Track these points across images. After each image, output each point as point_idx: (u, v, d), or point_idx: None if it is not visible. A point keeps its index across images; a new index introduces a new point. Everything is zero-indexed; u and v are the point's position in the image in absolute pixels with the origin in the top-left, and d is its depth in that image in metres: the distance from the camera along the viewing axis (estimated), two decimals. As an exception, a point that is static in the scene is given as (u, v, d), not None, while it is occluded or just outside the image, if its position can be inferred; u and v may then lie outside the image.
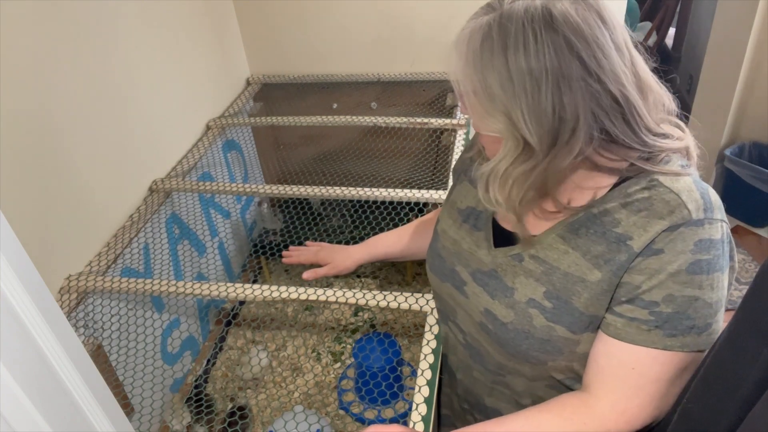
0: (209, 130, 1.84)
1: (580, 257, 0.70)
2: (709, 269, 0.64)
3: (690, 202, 0.64)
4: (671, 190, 0.65)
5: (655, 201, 0.65)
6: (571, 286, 0.70)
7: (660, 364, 0.66)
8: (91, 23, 1.29)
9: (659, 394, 0.68)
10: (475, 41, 0.64)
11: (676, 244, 0.64)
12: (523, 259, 0.75)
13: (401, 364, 1.55)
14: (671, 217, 0.64)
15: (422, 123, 1.75)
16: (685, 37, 3.11)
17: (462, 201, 0.87)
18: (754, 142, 2.27)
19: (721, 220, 0.65)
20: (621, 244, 0.66)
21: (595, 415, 0.69)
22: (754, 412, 0.50)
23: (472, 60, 0.64)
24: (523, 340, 0.74)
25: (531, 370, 0.78)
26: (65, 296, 1.19)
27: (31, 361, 0.52)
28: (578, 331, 0.71)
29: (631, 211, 0.66)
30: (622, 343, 0.67)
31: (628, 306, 0.67)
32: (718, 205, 0.66)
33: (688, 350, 0.65)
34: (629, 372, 0.67)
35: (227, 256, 1.94)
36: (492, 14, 0.63)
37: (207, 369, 1.68)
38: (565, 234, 0.71)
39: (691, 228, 0.63)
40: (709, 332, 0.65)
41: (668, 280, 0.64)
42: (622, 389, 0.68)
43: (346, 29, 2.02)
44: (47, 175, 1.17)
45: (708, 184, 0.69)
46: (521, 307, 0.74)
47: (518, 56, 0.61)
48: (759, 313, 0.51)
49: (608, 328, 0.69)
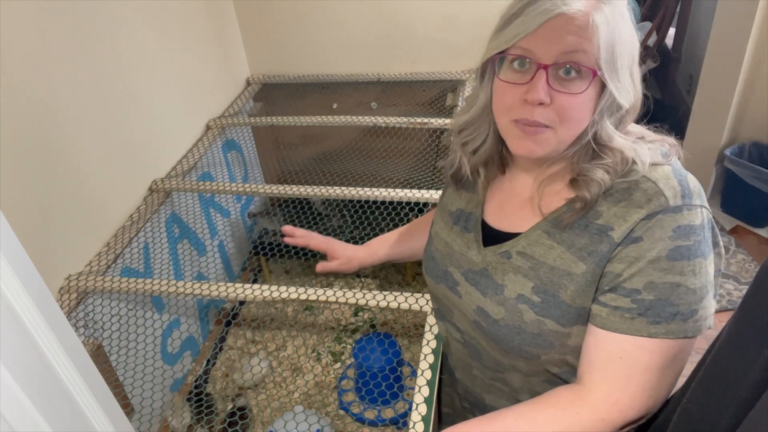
0: (209, 130, 1.84)
1: (564, 251, 0.71)
2: (690, 255, 0.64)
3: (667, 189, 0.65)
4: (649, 179, 0.67)
5: (633, 191, 0.67)
6: (557, 280, 0.71)
7: (648, 352, 0.67)
8: (91, 23, 1.29)
9: (650, 383, 0.68)
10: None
11: (654, 232, 0.65)
12: (511, 256, 0.76)
13: (401, 364, 1.54)
14: (649, 205, 0.65)
15: (422, 123, 1.75)
16: (685, 37, 3.11)
17: (452, 204, 0.88)
18: (754, 142, 2.27)
19: (700, 205, 0.66)
20: (603, 235, 0.68)
21: (589, 405, 0.70)
22: (753, 412, 0.50)
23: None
24: (515, 335, 0.75)
25: (526, 366, 0.79)
26: (65, 296, 1.19)
27: (31, 361, 0.52)
28: (567, 324, 0.72)
29: (611, 202, 0.68)
30: (609, 333, 0.68)
31: (611, 295, 0.68)
32: (698, 191, 0.67)
33: (674, 337, 0.66)
34: (618, 361, 0.68)
35: (227, 256, 1.94)
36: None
37: (207, 369, 1.68)
38: (549, 229, 0.73)
39: (668, 215, 0.65)
40: (695, 318, 0.66)
41: (648, 267, 0.65)
42: (613, 379, 0.69)
43: (346, 29, 2.02)
44: (47, 175, 1.17)
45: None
46: (511, 303, 0.75)
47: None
48: (759, 313, 0.51)
49: (595, 319, 0.70)
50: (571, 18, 0.63)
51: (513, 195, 0.80)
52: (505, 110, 0.70)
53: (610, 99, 0.66)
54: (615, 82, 0.65)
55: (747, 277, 2.13)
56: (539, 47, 0.65)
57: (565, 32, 0.63)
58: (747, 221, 2.31)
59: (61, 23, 1.20)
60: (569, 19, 0.63)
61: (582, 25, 0.62)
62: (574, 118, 0.67)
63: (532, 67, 0.66)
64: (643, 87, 0.70)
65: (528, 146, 0.69)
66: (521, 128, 0.69)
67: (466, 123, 0.80)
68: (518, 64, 0.67)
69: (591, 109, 0.67)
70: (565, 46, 0.64)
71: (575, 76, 0.65)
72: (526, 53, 0.66)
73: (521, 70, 0.67)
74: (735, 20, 2.16)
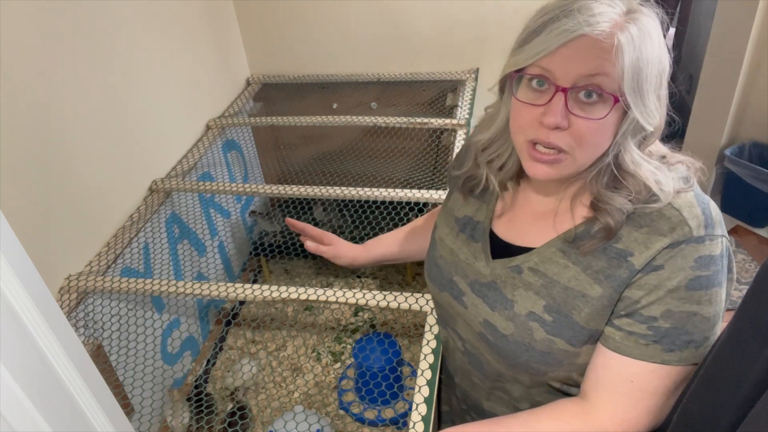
0: (209, 130, 1.84)
1: (580, 272, 0.69)
2: (708, 285, 0.64)
3: (691, 218, 0.64)
4: (673, 206, 0.65)
5: (656, 217, 0.65)
6: (571, 301, 0.70)
7: (658, 378, 0.66)
8: (91, 23, 1.29)
9: (656, 406, 0.68)
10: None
11: (676, 261, 0.64)
12: (522, 272, 0.74)
13: (401, 364, 1.54)
14: (672, 234, 0.64)
15: (422, 123, 1.75)
16: (685, 37, 3.11)
17: (459, 210, 0.86)
18: (754, 142, 2.27)
19: (721, 235, 0.65)
20: (622, 260, 0.66)
21: (593, 422, 0.69)
22: (754, 411, 0.50)
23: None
24: (523, 352, 0.74)
25: (530, 379, 0.78)
26: (65, 296, 1.19)
27: (31, 361, 0.52)
28: (578, 345, 0.71)
29: (633, 227, 0.66)
30: (621, 356, 0.67)
31: (627, 320, 0.67)
32: (719, 220, 0.66)
33: (685, 364, 0.66)
34: (627, 384, 0.68)
35: (227, 256, 1.94)
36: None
37: (207, 369, 1.68)
38: (565, 248, 0.71)
39: (692, 245, 0.63)
40: (706, 345, 0.65)
41: (667, 296, 0.64)
42: (620, 401, 0.68)
43: (347, 29, 2.02)
44: (47, 175, 1.17)
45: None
46: (521, 320, 0.73)
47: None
48: (759, 313, 0.51)
49: (607, 341, 0.69)
50: (595, 40, 0.59)
51: (527, 208, 0.78)
52: (521, 130, 0.67)
53: (633, 122, 0.63)
54: (639, 107, 0.62)
55: (747, 277, 2.13)
56: (559, 68, 0.61)
57: (588, 54, 0.60)
58: (747, 221, 2.31)
59: (62, 23, 1.20)
60: (593, 40, 0.59)
61: (606, 47, 0.59)
62: (594, 143, 0.64)
63: (550, 89, 0.63)
64: (669, 107, 0.67)
65: (543, 170, 0.67)
66: (535, 155, 0.66)
67: (489, 141, 0.77)
68: (537, 83, 0.64)
69: (612, 133, 0.64)
70: (587, 69, 0.60)
71: (596, 100, 0.62)
72: (546, 73, 0.63)
73: (540, 89, 0.64)
74: (735, 20, 2.16)
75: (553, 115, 0.62)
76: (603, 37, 0.59)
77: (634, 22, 0.60)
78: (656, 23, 0.63)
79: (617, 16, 0.60)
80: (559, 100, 0.62)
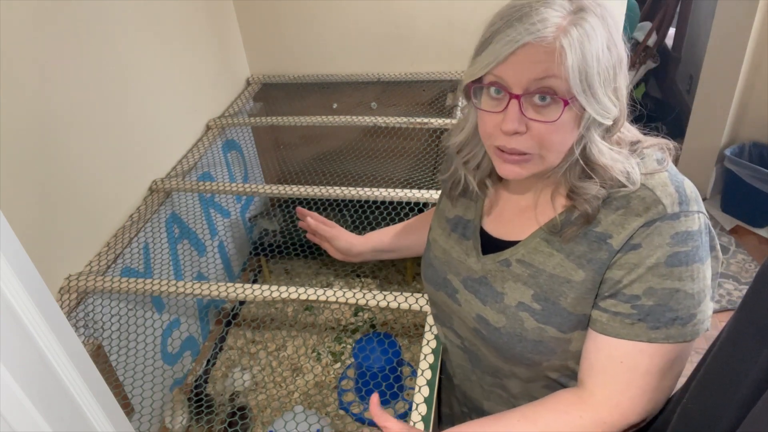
0: (209, 130, 1.84)
1: (564, 258, 0.71)
2: (688, 261, 0.65)
3: (665, 197, 0.66)
4: (646, 186, 0.67)
5: (631, 198, 0.67)
6: (557, 287, 0.72)
7: (648, 357, 0.67)
8: (91, 23, 1.29)
9: (650, 386, 0.69)
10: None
11: (653, 239, 0.65)
12: (510, 264, 0.76)
13: (401, 364, 1.54)
14: (647, 213, 0.66)
15: (422, 123, 1.75)
16: (685, 37, 3.12)
17: (450, 211, 0.88)
18: (754, 142, 2.28)
19: (697, 211, 0.67)
20: (601, 243, 0.68)
21: (590, 408, 0.70)
22: (753, 412, 0.50)
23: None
24: (516, 343, 0.75)
25: (527, 372, 0.79)
26: (65, 296, 1.19)
27: (31, 361, 0.52)
28: (568, 331, 0.72)
29: (609, 210, 0.69)
30: (609, 338, 0.69)
31: (611, 300, 0.69)
32: (694, 197, 0.67)
33: (673, 341, 0.67)
34: (618, 366, 0.69)
35: (227, 256, 1.94)
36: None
37: (207, 369, 1.68)
38: (548, 237, 0.74)
39: (666, 222, 0.65)
40: (693, 323, 0.66)
41: (647, 274, 0.66)
42: (614, 383, 0.69)
43: (347, 29, 2.02)
44: (47, 175, 1.17)
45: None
46: (511, 311, 0.75)
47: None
48: (759, 313, 0.51)
49: (595, 324, 0.71)
50: (538, 46, 0.62)
51: (511, 203, 0.81)
52: (487, 136, 0.70)
53: (591, 118, 0.66)
54: (593, 105, 0.64)
55: (747, 277, 2.13)
56: (510, 76, 0.64)
57: (534, 60, 0.62)
58: (747, 221, 2.31)
59: (61, 23, 1.20)
60: (537, 47, 0.62)
61: (550, 50, 0.61)
62: (556, 142, 0.67)
63: (506, 96, 0.65)
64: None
65: (513, 170, 0.70)
66: (503, 156, 0.69)
67: (462, 143, 0.80)
68: (494, 91, 0.67)
69: (573, 128, 0.66)
70: (536, 74, 0.63)
71: (550, 102, 0.64)
72: (500, 80, 0.65)
73: (497, 96, 0.67)
74: (735, 20, 2.16)
75: (510, 122, 0.65)
76: (546, 43, 0.61)
77: (578, 23, 0.62)
78: (602, 19, 0.64)
79: (560, 19, 0.62)
80: (514, 107, 0.65)
